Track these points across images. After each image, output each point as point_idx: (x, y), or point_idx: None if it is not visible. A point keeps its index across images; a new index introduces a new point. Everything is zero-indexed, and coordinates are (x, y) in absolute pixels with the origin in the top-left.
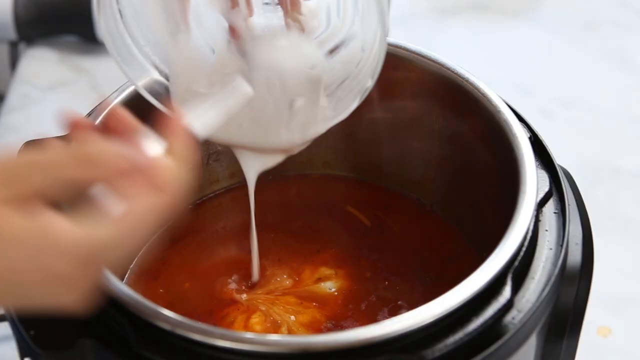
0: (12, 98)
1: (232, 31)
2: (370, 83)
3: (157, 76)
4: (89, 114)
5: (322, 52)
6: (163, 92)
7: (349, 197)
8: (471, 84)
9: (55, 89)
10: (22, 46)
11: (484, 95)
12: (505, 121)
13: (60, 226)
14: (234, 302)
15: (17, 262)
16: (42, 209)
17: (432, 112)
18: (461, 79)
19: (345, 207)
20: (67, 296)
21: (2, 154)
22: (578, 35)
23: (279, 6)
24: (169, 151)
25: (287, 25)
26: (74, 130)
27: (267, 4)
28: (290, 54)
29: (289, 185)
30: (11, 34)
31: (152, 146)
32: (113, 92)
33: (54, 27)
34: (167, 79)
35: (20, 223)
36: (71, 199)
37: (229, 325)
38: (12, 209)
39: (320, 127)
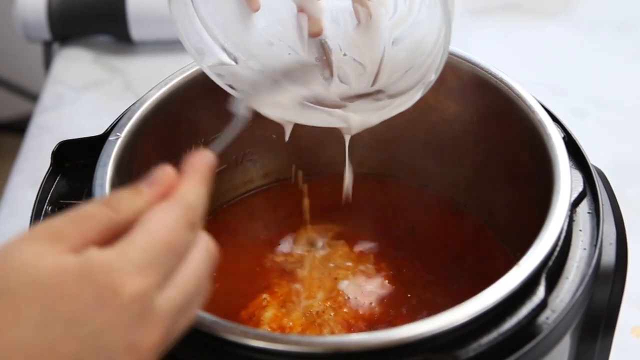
0: (46, 98)
1: (301, 12)
2: (433, 77)
3: (226, 59)
4: (123, 114)
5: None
6: (230, 76)
7: (383, 197)
8: (505, 84)
9: (89, 89)
10: (55, 46)
11: (518, 95)
12: (540, 121)
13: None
14: (267, 302)
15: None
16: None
17: (466, 112)
18: (495, 79)
19: (379, 207)
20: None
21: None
22: (610, 36)
23: None
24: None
25: (355, 10)
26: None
27: None
28: None
29: (322, 185)
30: (45, 34)
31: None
32: (148, 92)
33: (88, 27)
34: (236, 61)
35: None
36: None
37: (261, 325)
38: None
39: (387, 113)
